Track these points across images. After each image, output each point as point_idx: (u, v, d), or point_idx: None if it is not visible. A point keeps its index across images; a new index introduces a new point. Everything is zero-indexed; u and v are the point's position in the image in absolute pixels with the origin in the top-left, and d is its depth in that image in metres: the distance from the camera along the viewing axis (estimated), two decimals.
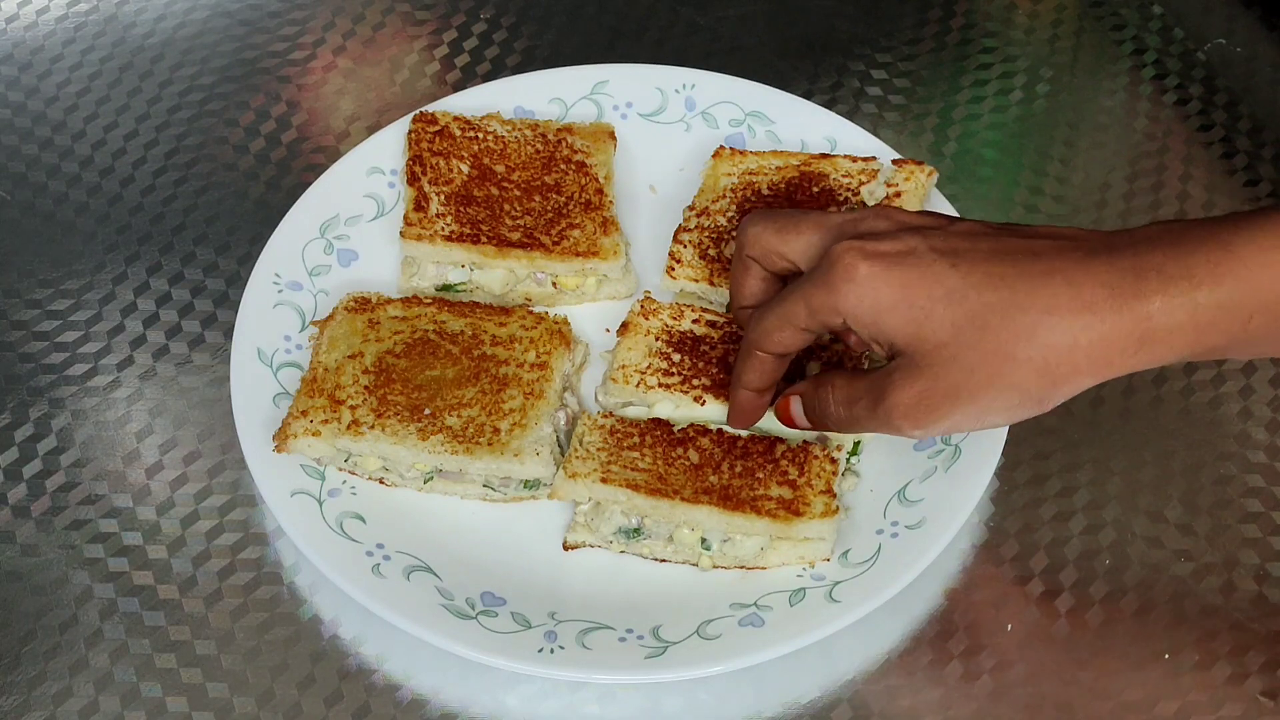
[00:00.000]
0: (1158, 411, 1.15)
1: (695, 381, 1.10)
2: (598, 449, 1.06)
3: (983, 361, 0.92)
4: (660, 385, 1.10)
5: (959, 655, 1.05)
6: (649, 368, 1.11)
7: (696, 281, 1.15)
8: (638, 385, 1.10)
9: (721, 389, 1.09)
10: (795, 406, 1.04)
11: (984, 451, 1.08)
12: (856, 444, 1.10)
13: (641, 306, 1.14)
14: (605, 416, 1.09)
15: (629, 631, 1.02)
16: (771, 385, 1.04)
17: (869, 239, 0.95)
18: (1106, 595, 1.07)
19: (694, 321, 1.13)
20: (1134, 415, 1.15)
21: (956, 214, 1.18)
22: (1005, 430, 1.08)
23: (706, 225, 1.18)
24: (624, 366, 1.11)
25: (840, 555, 1.05)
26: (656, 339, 1.13)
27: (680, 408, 1.10)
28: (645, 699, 1.03)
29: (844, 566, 1.04)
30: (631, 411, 1.11)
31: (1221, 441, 1.14)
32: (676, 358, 1.11)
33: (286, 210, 1.19)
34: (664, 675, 1.01)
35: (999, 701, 1.03)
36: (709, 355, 1.11)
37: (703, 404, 1.09)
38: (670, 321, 1.13)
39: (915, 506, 1.06)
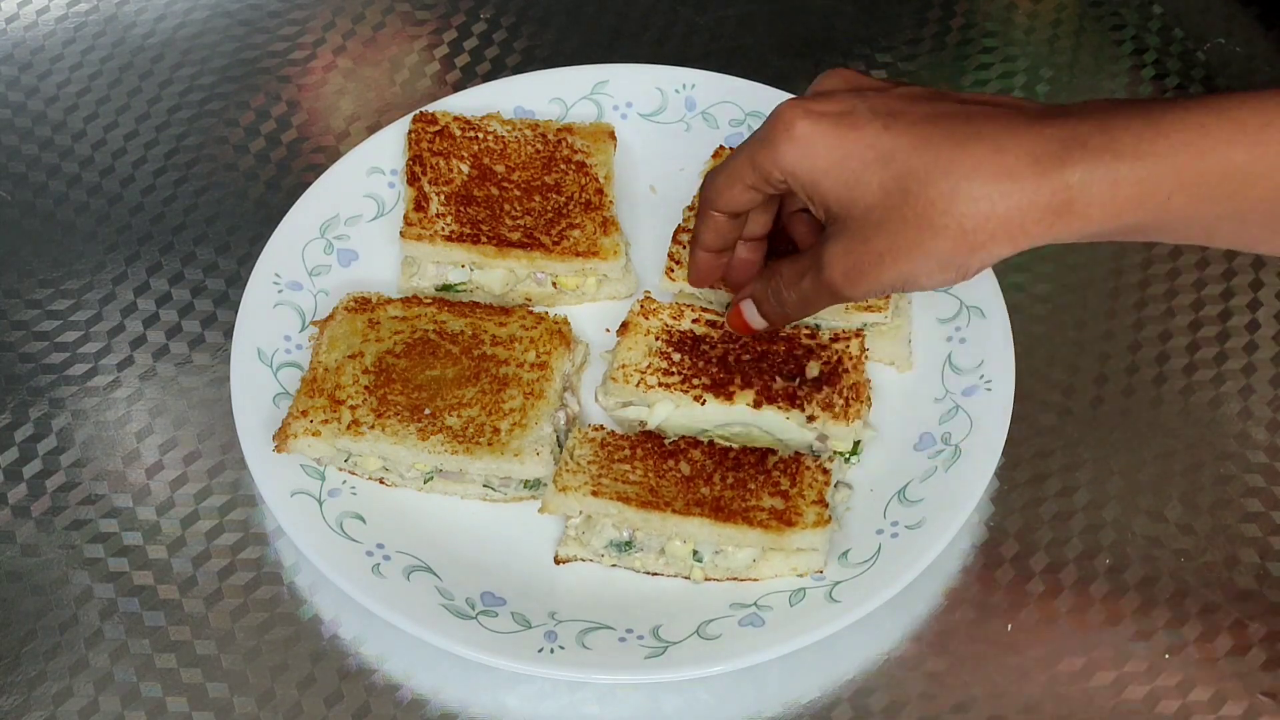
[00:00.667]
0: (1158, 411, 1.15)
1: (695, 381, 1.10)
2: (588, 462, 1.06)
3: (904, 226, 0.93)
4: (660, 385, 1.10)
5: (959, 655, 1.05)
6: (649, 367, 1.11)
7: None
8: (638, 385, 1.10)
9: (722, 389, 1.09)
10: (748, 309, 1.06)
11: (984, 451, 1.08)
12: (856, 444, 1.10)
13: (641, 306, 1.14)
14: (596, 429, 1.09)
15: (629, 631, 1.02)
16: (728, 245, 1.07)
17: (814, 99, 0.96)
18: (1107, 595, 1.07)
19: (694, 321, 1.13)
20: (1134, 415, 1.15)
21: None
22: (1005, 430, 1.09)
23: None
24: (624, 366, 1.11)
25: (840, 555, 1.05)
26: (656, 338, 1.12)
27: (680, 407, 1.10)
28: (645, 699, 1.03)
29: (844, 566, 1.04)
30: (631, 412, 1.11)
31: (1221, 441, 1.14)
32: (676, 357, 1.11)
33: (286, 210, 1.19)
34: (664, 675, 1.01)
35: (999, 701, 1.03)
36: (709, 354, 1.11)
37: (703, 403, 1.09)
38: (670, 321, 1.13)
39: (915, 506, 1.06)
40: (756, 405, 1.09)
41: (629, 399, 1.11)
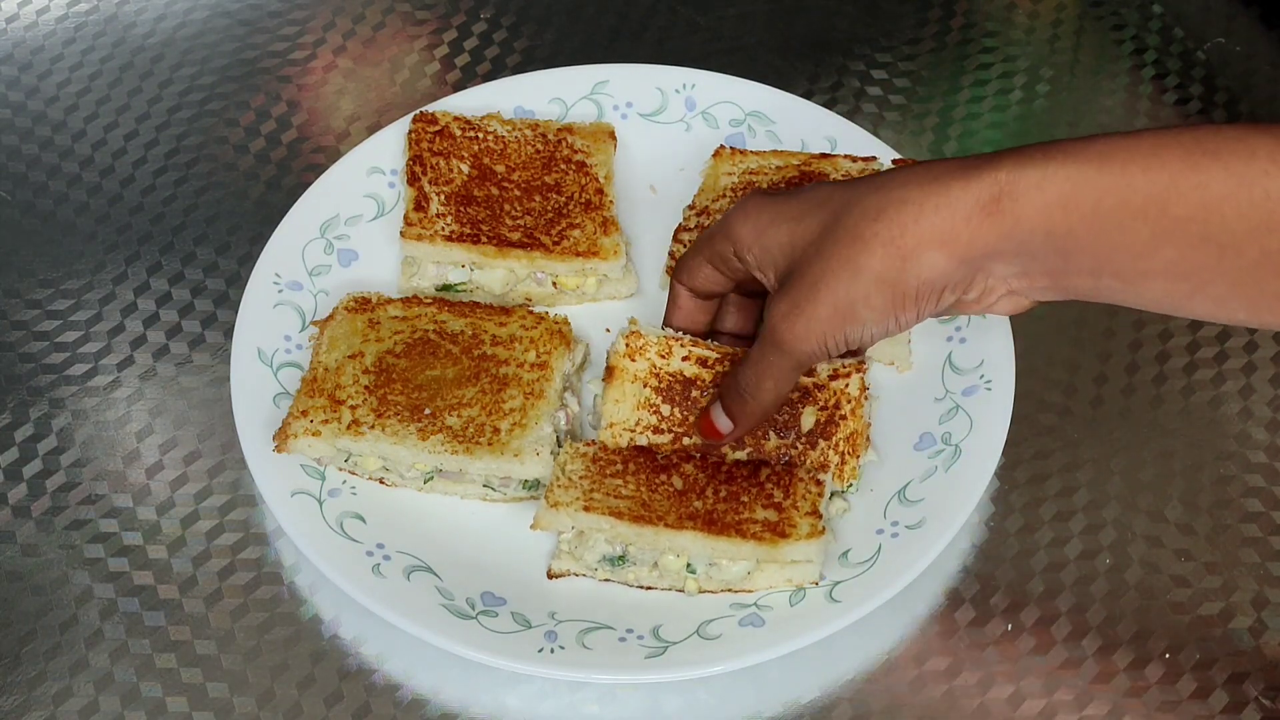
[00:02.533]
0: (1158, 411, 1.15)
1: (686, 440, 1.08)
2: (580, 477, 1.06)
3: (835, 246, 0.93)
4: (650, 444, 1.08)
5: (959, 655, 1.05)
6: (638, 424, 1.08)
7: None
8: (628, 445, 1.08)
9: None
10: (715, 412, 1.05)
11: (984, 451, 1.08)
12: (854, 469, 1.08)
13: (626, 345, 1.09)
14: (588, 445, 1.08)
15: (629, 631, 1.02)
16: (698, 329, 1.09)
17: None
18: (1107, 594, 1.07)
19: (684, 359, 1.09)
20: (1134, 415, 1.15)
21: None
22: (1005, 430, 1.09)
23: (706, 225, 1.18)
24: (613, 425, 1.08)
25: (840, 555, 1.05)
26: (644, 385, 1.09)
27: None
28: (645, 699, 1.03)
29: (844, 566, 1.04)
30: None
31: (1221, 441, 1.14)
32: (666, 410, 1.08)
33: (287, 210, 1.19)
34: (664, 675, 1.01)
35: (999, 701, 1.03)
36: (698, 402, 1.08)
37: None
38: (659, 361, 1.09)
39: (915, 506, 1.06)
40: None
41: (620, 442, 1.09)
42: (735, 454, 1.07)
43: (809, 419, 1.07)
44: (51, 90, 1.32)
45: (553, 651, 1.01)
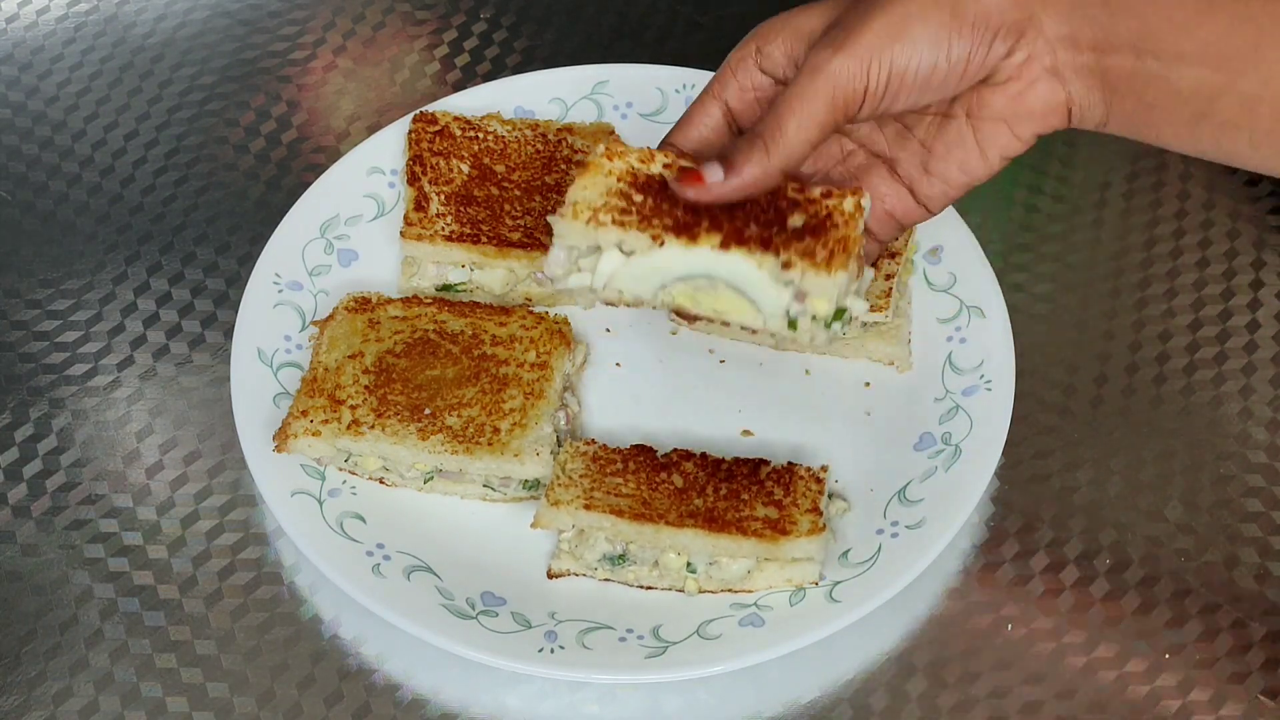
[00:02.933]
0: (1158, 411, 1.15)
1: (656, 221, 0.94)
2: (580, 476, 1.06)
3: None
4: (615, 223, 0.94)
5: (959, 655, 1.05)
6: (604, 205, 0.95)
7: None
8: (588, 222, 0.95)
9: (686, 231, 0.94)
10: (707, 165, 0.93)
11: (984, 451, 1.08)
12: (840, 311, 0.95)
13: (606, 148, 0.98)
14: (588, 443, 1.08)
15: (629, 631, 1.02)
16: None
17: None
18: (1106, 595, 1.07)
19: (666, 166, 0.97)
20: (1134, 415, 1.15)
21: (959, 218, 1.18)
22: (1005, 430, 1.08)
23: None
24: (575, 204, 0.95)
25: (840, 555, 1.05)
26: (619, 180, 0.96)
27: (636, 250, 0.95)
28: (645, 699, 1.03)
29: (844, 566, 1.04)
30: (576, 280, 0.97)
31: (1221, 441, 1.14)
32: (639, 198, 0.95)
33: (287, 210, 1.19)
34: (664, 675, 1.01)
35: (999, 701, 1.03)
36: (676, 199, 0.95)
37: (661, 244, 0.94)
38: (638, 165, 0.97)
39: (915, 506, 1.06)
40: (724, 246, 0.93)
41: (577, 239, 0.96)
42: (708, 241, 0.93)
43: (796, 219, 0.94)
44: (51, 90, 1.32)
45: (553, 651, 1.01)
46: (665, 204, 0.95)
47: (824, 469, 1.07)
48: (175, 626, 1.05)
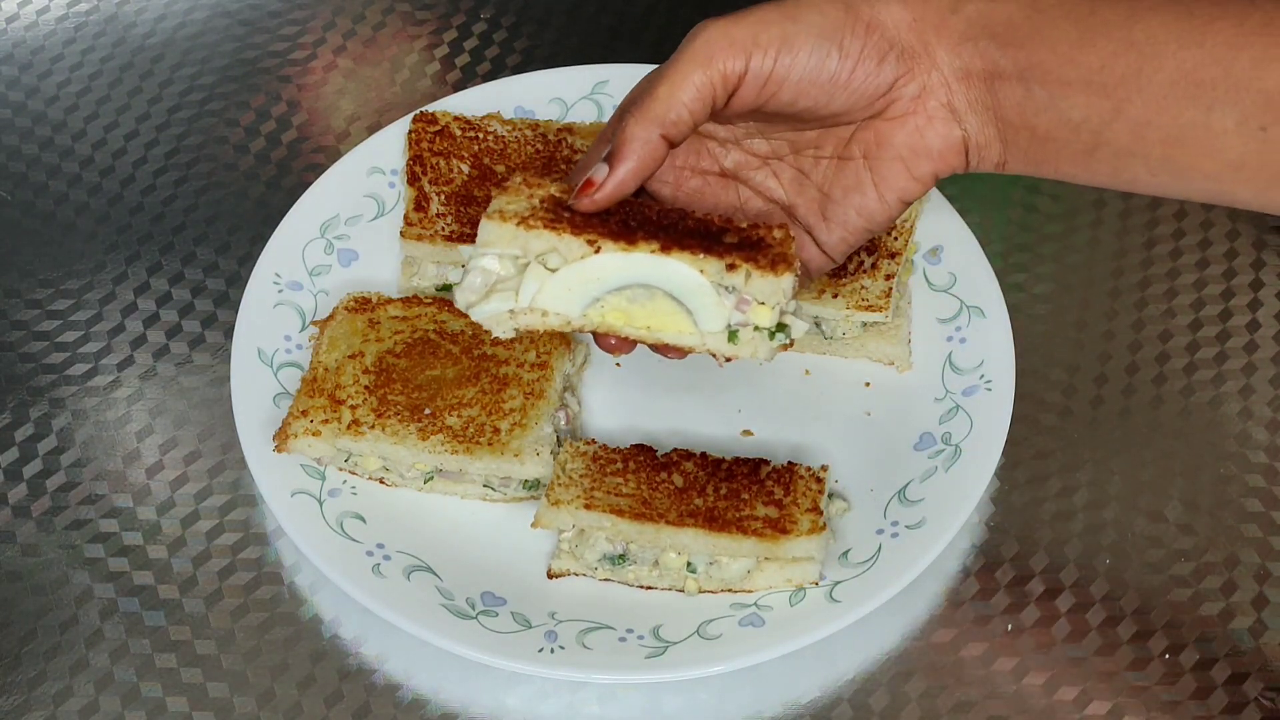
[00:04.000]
0: (1158, 411, 1.15)
1: (589, 231, 0.91)
2: (580, 475, 1.06)
3: None
4: (548, 227, 0.90)
5: (959, 655, 1.05)
6: (532, 212, 0.91)
7: None
8: (519, 224, 0.91)
9: (624, 237, 0.90)
10: (596, 167, 0.92)
11: (984, 451, 1.08)
12: (781, 326, 0.93)
13: (523, 179, 0.94)
14: (588, 443, 1.08)
15: (629, 631, 1.02)
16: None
17: None
18: (1106, 595, 1.07)
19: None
20: (1134, 415, 1.15)
21: (959, 218, 1.19)
22: (1005, 430, 1.08)
23: None
24: (501, 211, 0.90)
25: (840, 555, 1.05)
26: (542, 201, 0.93)
27: (569, 259, 0.91)
28: (645, 699, 1.03)
29: (844, 566, 1.04)
30: (496, 303, 0.92)
31: (1221, 441, 1.14)
32: (566, 213, 0.92)
33: (287, 210, 1.19)
34: (664, 675, 1.01)
35: (999, 701, 1.03)
36: (607, 215, 0.92)
37: (596, 249, 0.90)
38: (558, 194, 0.94)
39: (915, 506, 1.06)
40: (664, 250, 0.90)
41: (505, 246, 0.92)
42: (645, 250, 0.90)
43: (731, 238, 0.93)
44: (51, 90, 1.32)
45: (553, 651, 1.01)
46: (595, 219, 0.92)
47: (824, 469, 1.07)
48: (175, 626, 1.05)
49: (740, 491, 1.05)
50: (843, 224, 0.97)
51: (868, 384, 1.15)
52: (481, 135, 1.22)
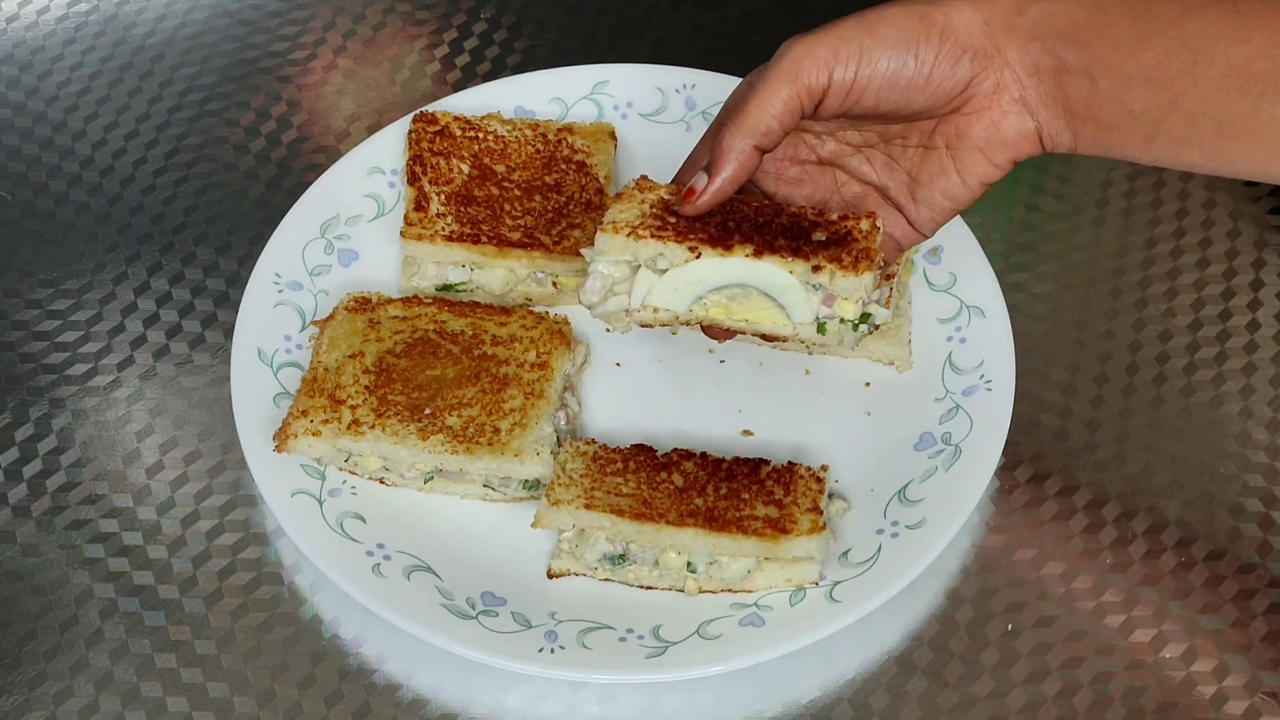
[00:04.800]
0: (1158, 411, 1.15)
1: (691, 236, 1.01)
2: (580, 475, 1.06)
3: None
4: (654, 236, 1.01)
5: (959, 655, 1.05)
6: (641, 223, 1.02)
7: None
8: (629, 235, 1.01)
9: (719, 243, 1.00)
10: (696, 175, 1.01)
11: (984, 451, 1.08)
12: (865, 316, 1.02)
13: (637, 183, 1.06)
14: (588, 443, 1.08)
15: (629, 631, 1.02)
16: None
17: None
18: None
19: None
20: (1134, 415, 1.15)
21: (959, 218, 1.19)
22: (1005, 430, 1.09)
23: None
24: (614, 222, 1.02)
25: (840, 555, 1.05)
26: (651, 206, 1.04)
27: (669, 270, 1.01)
28: (645, 699, 1.03)
29: (844, 566, 1.04)
30: (614, 304, 1.03)
31: (1221, 441, 1.14)
32: (672, 219, 1.02)
33: (287, 210, 1.19)
34: (664, 675, 1.01)
35: (999, 701, 1.03)
36: (707, 219, 1.02)
37: (697, 255, 1.01)
38: (667, 196, 1.04)
39: (915, 506, 1.06)
40: (757, 254, 1.00)
41: (619, 253, 1.02)
42: (740, 251, 1.00)
43: (820, 235, 1.02)
44: (52, 90, 1.32)
45: (553, 651, 1.01)
46: (698, 223, 1.02)
47: (824, 468, 1.07)
48: (175, 626, 1.05)
49: (740, 491, 1.05)
50: (930, 205, 1.03)
51: (868, 384, 1.15)
52: (481, 135, 1.22)
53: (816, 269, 1.00)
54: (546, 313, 1.15)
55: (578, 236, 1.17)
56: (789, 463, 1.07)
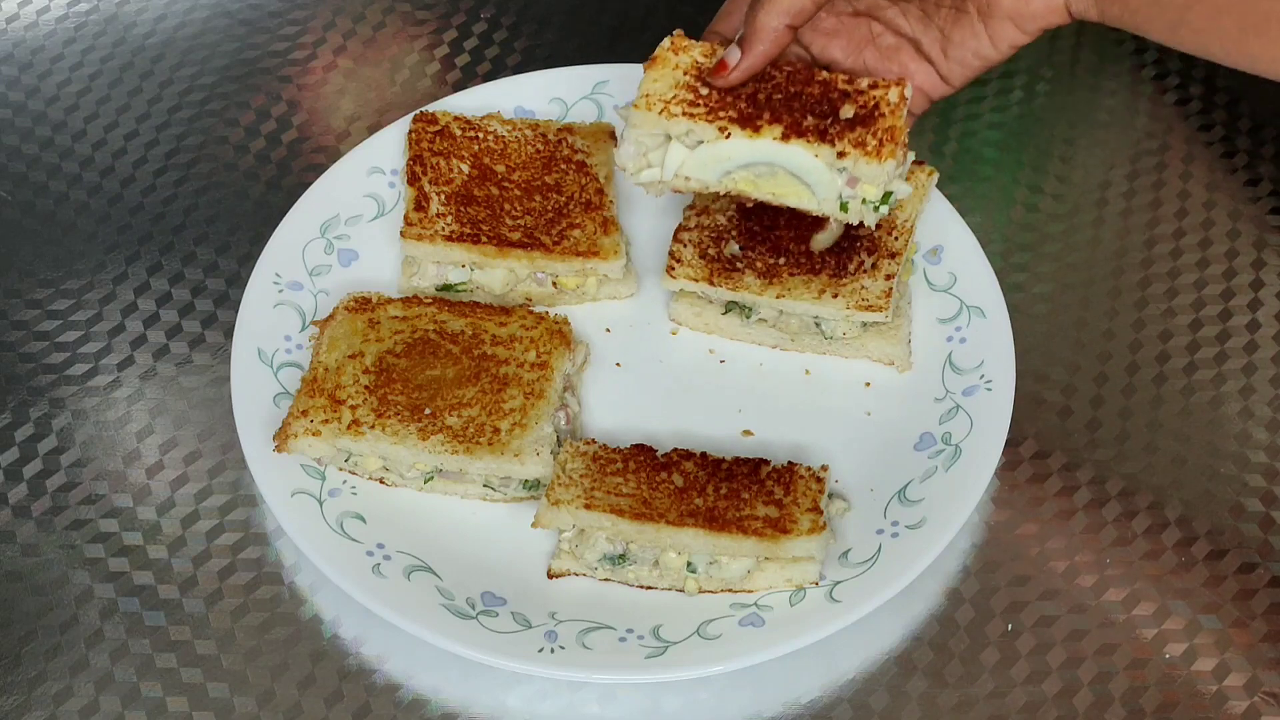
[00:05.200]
0: (1158, 411, 1.15)
1: (722, 114, 1.07)
2: (580, 475, 1.06)
3: None
4: (685, 114, 1.06)
5: (959, 655, 1.05)
6: (674, 98, 1.07)
7: (696, 281, 1.15)
8: (660, 113, 1.06)
9: (749, 123, 1.06)
10: (727, 50, 1.07)
11: (984, 451, 1.08)
12: (887, 195, 1.08)
13: (672, 42, 1.10)
14: (588, 443, 1.08)
15: (629, 631, 1.02)
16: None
17: None
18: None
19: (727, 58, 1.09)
20: (1134, 415, 1.15)
21: (959, 217, 1.19)
22: (1005, 430, 1.09)
23: (706, 224, 1.18)
24: (647, 96, 1.07)
25: (840, 555, 1.05)
26: (685, 73, 1.09)
27: (700, 146, 1.07)
28: (645, 699, 1.03)
29: (844, 566, 1.04)
30: (648, 175, 1.09)
31: (1221, 441, 1.14)
32: (704, 91, 1.08)
33: (287, 210, 1.19)
34: (664, 675, 1.01)
35: (999, 701, 1.03)
36: (739, 91, 1.08)
37: (727, 135, 1.06)
38: (701, 59, 1.09)
39: (915, 506, 1.06)
40: (784, 138, 1.06)
41: (651, 128, 1.07)
42: (768, 130, 1.05)
43: (848, 111, 1.06)
44: (52, 90, 1.32)
45: (553, 651, 1.01)
46: (729, 97, 1.07)
47: (824, 468, 1.07)
48: (175, 626, 1.05)
49: (740, 491, 1.05)
50: (960, 62, 1.09)
51: (868, 384, 1.15)
52: (481, 135, 1.22)
53: (841, 154, 1.04)
54: (546, 313, 1.15)
55: (578, 236, 1.17)
56: (789, 463, 1.07)
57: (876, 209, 1.07)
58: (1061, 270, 1.22)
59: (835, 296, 1.13)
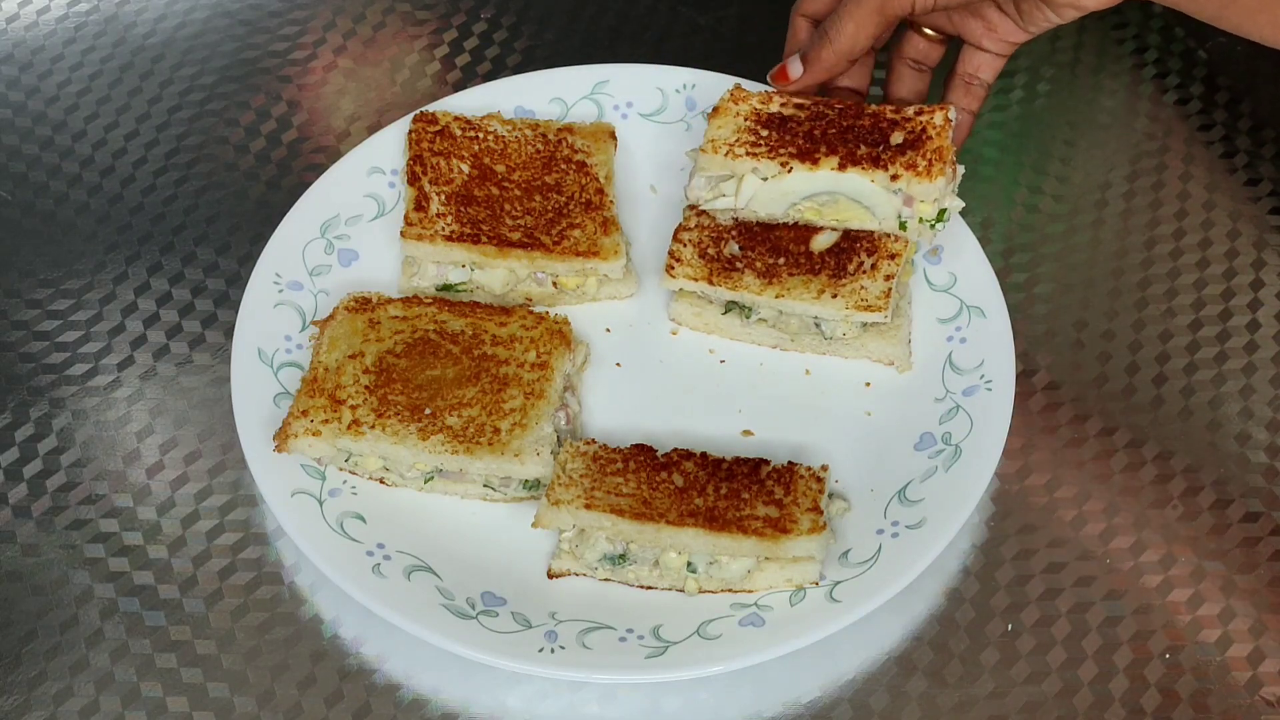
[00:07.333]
0: (1158, 411, 1.15)
1: (782, 151, 1.14)
2: (581, 475, 1.06)
3: None
4: (748, 155, 1.14)
5: (959, 655, 1.05)
6: (737, 141, 1.15)
7: (696, 280, 1.15)
8: (726, 155, 1.14)
9: (808, 157, 1.14)
10: (790, 61, 1.17)
11: (984, 451, 1.08)
12: (942, 212, 1.14)
13: (732, 94, 1.18)
14: (588, 443, 1.09)
15: (629, 631, 1.02)
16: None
17: None
18: (1107, 594, 1.07)
19: (782, 105, 1.17)
20: (1134, 415, 1.15)
21: (959, 218, 1.19)
22: (1005, 430, 1.09)
23: (707, 225, 1.18)
24: (713, 140, 1.15)
25: (840, 555, 1.05)
26: (745, 119, 1.16)
27: (768, 180, 1.14)
28: (645, 699, 1.03)
29: (844, 566, 1.04)
30: (722, 204, 1.16)
31: (1222, 441, 1.14)
32: (764, 133, 1.15)
33: (287, 210, 1.19)
34: (664, 675, 1.01)
35: (999, 701, 1.03)
36: (796, 130, 1.15)
37: (789, 170, 1.13)
38: (759, 106, 1.17)
39: (915, 506, 1.06)
40: (841, 168, 1.13)
41: (718, 170, 1.15)
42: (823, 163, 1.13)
43: (897, 136, 1.14)
44: (52, 90, 1.32)
45: (553, 651, 1.01)
46: (787, 136, 1.15)
47: (824, 468, 1.07)
48: (175, 626, 1.05)
49: (740, 491, 1.05)
50: (1031, 19, 1.14)
51: (868, 384, 1.15)
52: (481, 135, 1.22)
53: (894, 177, 1.12)
54: (546, 313, 1.15)
55: (578, 237, 1.17)
56: (789, 463, 1.07)
57: (933, 226, 1.13)
58: (1061, 270, 1.22)
59: (835, 297, 1.13)
